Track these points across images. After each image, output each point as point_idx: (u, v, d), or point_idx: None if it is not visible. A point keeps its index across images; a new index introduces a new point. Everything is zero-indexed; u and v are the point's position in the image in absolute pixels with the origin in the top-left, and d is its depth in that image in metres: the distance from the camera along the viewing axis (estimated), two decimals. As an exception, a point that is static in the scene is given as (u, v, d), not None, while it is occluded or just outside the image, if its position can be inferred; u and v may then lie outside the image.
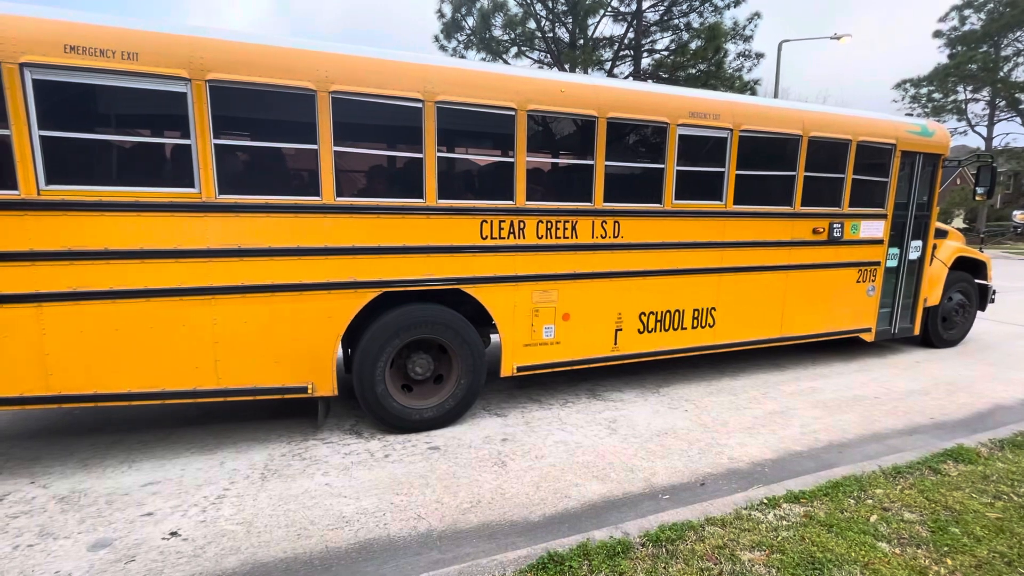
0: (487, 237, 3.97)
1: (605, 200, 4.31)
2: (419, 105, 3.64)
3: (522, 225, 4.07)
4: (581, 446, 3.77)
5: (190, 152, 3.21)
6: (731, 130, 4.67)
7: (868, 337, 5.93)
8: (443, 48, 17.69)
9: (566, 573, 2.30)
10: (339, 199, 3.54)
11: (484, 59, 17.41)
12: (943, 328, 6.59)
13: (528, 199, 4.06)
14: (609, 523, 2.80)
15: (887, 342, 6.73)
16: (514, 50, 18.00)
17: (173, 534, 2.69)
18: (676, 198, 4.56)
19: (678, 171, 4.53)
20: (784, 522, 2.73)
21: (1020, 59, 26.22)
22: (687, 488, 3.25)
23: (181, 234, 3.25)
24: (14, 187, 2.94)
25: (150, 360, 3.31)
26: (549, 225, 4.17)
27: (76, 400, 3.25)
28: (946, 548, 2.56)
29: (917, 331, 6.28)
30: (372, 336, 3.77)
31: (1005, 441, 3.76)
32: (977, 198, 6.58)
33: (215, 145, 3.24)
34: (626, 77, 18.19)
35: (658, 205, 4.53)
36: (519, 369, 4.26)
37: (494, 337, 4.33)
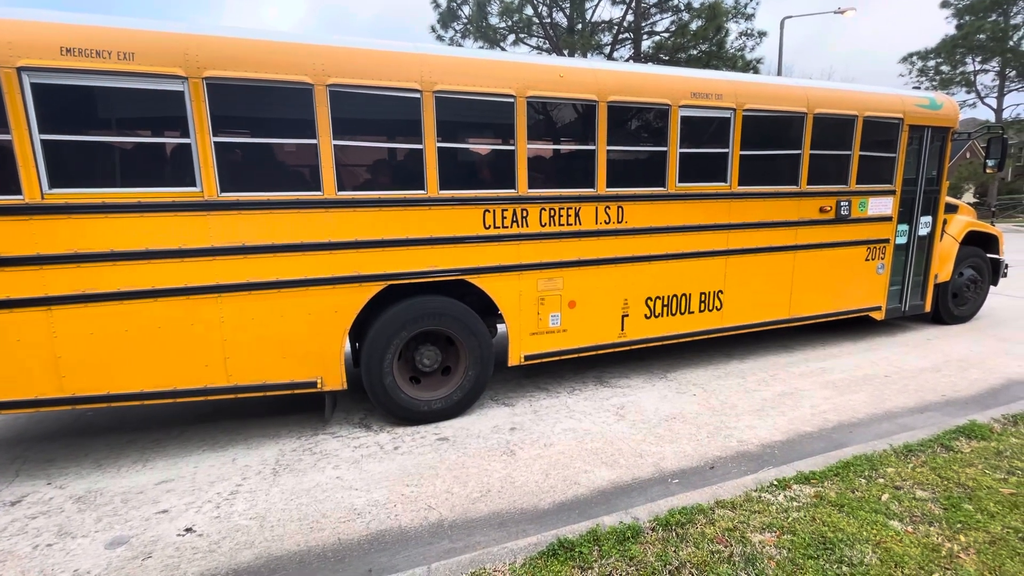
0: (490, 227, 3.96)
1: (608, 185, 4.27)
2: (417, 95, 3.62)
3: (525, 213, 4.05)
4: (589, 433, 3.78)
5: (191, 151, 3.21)
6: (734, 110, 4.60)
7: (878, 316, 5.87)
8: (440, 38, 17.54)
9: (576, 559, 2.31)
10: (340, 193, 3.54)
11: (481, 47, 17.23)
12: (954, 304, 6.51)
13: (530, 187, 4.03)
14: (619, 508, 2.81)
15: (898, 320, 6.66)
16: (511, 37, 17.80)
17: (188, 530, 2.73)
18: (680, 181, 4.52)
19: (681, 153, 4.48)
20: (795, 503, 2.73)
21: (1031, 27, 25.51)
22: (697, 472, 3.26)
23: (185, 233, 3.26)
24: (18, 192, 2.96)
25: (160, 359, 3.34)
26: (552, 212, 4.14)
27: (89, 401, 3.29)
28: (959, 525, 2.55)
29: (928, 308, 6.22)
30: (379, 329, 3.79)
31: (1018, 416, 3.73)
32: (988, 171, 6.45)
33: (215, 143, 3.23)
34: (626, 60, 17.96)
35: (662, 189, 4.48)
36: (526, 358, 4.27)
37: (500, 327, 4.33)
